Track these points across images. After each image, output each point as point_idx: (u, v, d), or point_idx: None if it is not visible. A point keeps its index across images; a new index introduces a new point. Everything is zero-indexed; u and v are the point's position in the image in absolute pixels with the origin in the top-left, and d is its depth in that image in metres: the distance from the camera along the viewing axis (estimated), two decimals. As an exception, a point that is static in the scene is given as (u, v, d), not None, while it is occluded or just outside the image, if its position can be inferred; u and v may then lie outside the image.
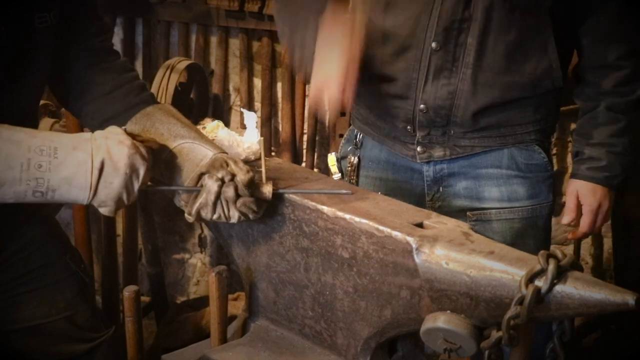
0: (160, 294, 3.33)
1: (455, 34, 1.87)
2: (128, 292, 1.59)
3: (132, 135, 1.55)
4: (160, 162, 1.60)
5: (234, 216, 1.55)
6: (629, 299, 1.19)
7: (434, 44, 1.88)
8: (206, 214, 1.55)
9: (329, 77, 1.74)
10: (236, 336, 1.73)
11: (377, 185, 2.10)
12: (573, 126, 2.46)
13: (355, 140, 2.15)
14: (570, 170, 2.88)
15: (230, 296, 2.59)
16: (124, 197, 1.51)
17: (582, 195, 2.03)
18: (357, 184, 2.12)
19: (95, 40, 1.79)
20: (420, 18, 1.88)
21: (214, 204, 1.53)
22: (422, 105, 1.93)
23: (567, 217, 2.06)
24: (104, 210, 1.53)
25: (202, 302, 3.17)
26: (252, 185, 1.54)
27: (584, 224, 2.05)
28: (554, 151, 3.11)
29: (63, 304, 1.84)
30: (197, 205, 1.54)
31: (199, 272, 3.65)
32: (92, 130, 1.60)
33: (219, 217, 1.55)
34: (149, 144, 1.58)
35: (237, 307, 2.72)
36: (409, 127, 1.97)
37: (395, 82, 1.95)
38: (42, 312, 1.82)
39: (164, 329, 3.06)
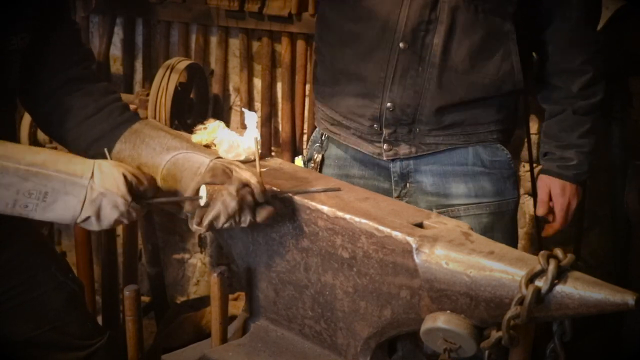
0: (160, 294, 3.33)
1: (422, 35, 1.93)
2: (128, 291, 1.59)
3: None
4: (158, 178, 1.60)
5: (246, 221, 1.52)
6: (629, 299, 1.20)
7: (401, 44, 1.94)
8: (217, 223, 1.52)
9: None
10: (236, 336, 1.73)
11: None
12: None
13: (321, 139, 2.20)
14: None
15: (230, 296, 2.58)
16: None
17: (554, 195, 2.17)
18: None
19: (77, 68, 1.77)
20: (389, 19, 1.94)
21: (230, 216, 1.51)
22: (389, 104, 1.98)
23: (541, 209, 2.21)
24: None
25: (202, 302, 3.17)
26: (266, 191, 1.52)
27: (557, 222, 2.21)
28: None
29: (52, 315, 1.83)
30: (210, 217, 1.51)
31: (199, 272, 3.64)
32: (79, 154, 1.60)
33: (230, 225, 1.52)
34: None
35: (237, 307, 2.72)
36: (375, 125, 2.03)
37: (363, 82, 2.01)
38: (31, 325, 1.81)
39: (164, 329, 3.05)
